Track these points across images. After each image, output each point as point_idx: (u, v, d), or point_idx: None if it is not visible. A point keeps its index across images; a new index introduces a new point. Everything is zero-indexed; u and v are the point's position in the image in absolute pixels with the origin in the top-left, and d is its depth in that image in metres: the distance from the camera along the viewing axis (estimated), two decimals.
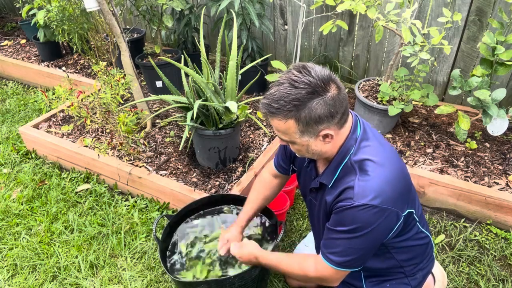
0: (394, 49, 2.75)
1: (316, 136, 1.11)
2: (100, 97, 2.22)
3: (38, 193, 2.36)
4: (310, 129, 1.09)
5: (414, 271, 1.36)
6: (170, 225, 1.74)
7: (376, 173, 1.11)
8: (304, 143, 1.13)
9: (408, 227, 1.24)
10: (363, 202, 1.07)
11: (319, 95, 1.04)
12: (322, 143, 1.14)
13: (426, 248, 1.36)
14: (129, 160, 2.30)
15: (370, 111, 2.38)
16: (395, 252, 1.28)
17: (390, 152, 1.19)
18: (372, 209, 1.07)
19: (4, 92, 3.58)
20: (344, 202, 1.11)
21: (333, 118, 1.08)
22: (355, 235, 1.11)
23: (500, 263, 1.87)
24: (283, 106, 1.04)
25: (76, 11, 2.67)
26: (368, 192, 1.08)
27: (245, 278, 1.48)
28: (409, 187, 1.20)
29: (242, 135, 2.55)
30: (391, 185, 1.10)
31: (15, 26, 4.69)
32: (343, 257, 1.16)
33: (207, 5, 2.78)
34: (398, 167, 1.16)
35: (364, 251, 1.15)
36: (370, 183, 1.09)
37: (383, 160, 1.14)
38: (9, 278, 1.89)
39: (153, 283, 1.82)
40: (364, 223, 1.09)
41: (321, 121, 1.07)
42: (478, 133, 2.40)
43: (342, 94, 1.08)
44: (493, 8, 2.33)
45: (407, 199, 1.17)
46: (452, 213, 2.12)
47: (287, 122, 1.07)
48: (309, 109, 1.04)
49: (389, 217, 1.10)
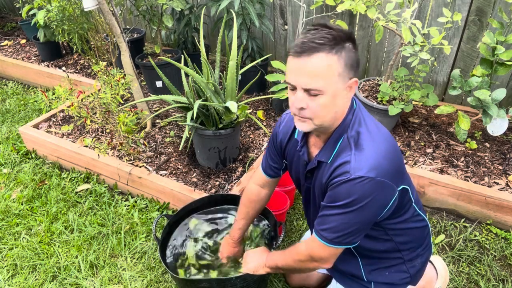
0: (394, 49, 2.75)
1: (345, 84, 1.07)
2: (100, 97, 2.22)
3: (38, 193, 2.36)
4: (345, 73, 1.05)
5: (412, 257, 1.34)
6: (170, 224, 1.74)
7: (372, 146, 1.10)
8: (336, 92, 1.06)
9: (404, 207, 1.23)
10: (359, 174, 1.06)
11: (350, 41, 1.04)
12: (346, 96, 1.10)
13: (423, 231, 1.35)
14: (129, 160, 2.30)
15: (370, 111, 2.38)
16: (393, 234, 1.27)
17: (384, 129, 1.19)
18: (369, 181, 1.06)
19: (4, 92, 3.58)
20: (340, 177, 1.10)
21: (357, 68, 1.09)
22: (350, 209, 1.10)
23: (500, 263, 1.87)
24: (328, 41, 1.00)
25: (76, 11, 2.67)
26: (364, 164, 1.07)
27: (247, 279, 1.48)
28: (403, 164, 1.19)
29: (242, 135, 2.55)
30: (387, 159, 1.09)
31: (15, 26, 4.69)
32: (336, 232, 1.14)
33: (207, 5, 2.78)
34: (392, 144, 1.16)
35: (358, 225, 1.13)
36: (366, 156, 1.08)
37: (377, 134, 1.14)
38: (9, 278, 1.89)
39: (153, 283, 1.82)
40: (360, 196, 1.07)
41: (352, 67, 1.06)
42: (478, 133, 2.40)
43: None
44: (493, 8, 2.33)
45: (402, 175, 1.17)
46: (452, 213, 2.12)
47: (330, 58, 1.01)
48: (347, 51, 1.03)
49: (384, 190, 1.09)
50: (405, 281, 1.36)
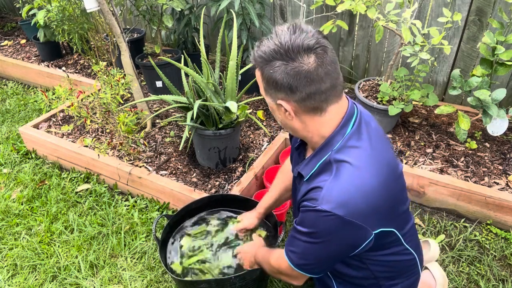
0: (394, 49, 2.75)
1: (274, 102, 1.02)
2: (100, 97, 2.22)
3: (38, 193, 2.36)
4: (270, 91, 1.00)
5: (389, 284, 1.23)
6: (170, 225, 1.74)
7: (352, 180, 0.97)
8: (269, 104, 1.06)
9: (387, 244, 1.12)
10: (325, 208, 0.95)
11: (282, 59, 0.94)
12: (284, 115, 1.03)
13: (407, 264, 1.22)
14: (129, 160, 2.30)
15: (370, 111, 2.36)
16: (370, 263, 1.16)
17: (380, 161, 1.03)
18: (334, 218, 0.94)
19: (4, 92, 3.58)
20: (309, 202, 1.00)
21: (293, 93, 0.96)
22: (314, 240, 1.01)
23: (500, 263, 1.87)
24: (256, 54, 0.99)
25: (76, 11, 2.67)
26: (335, 198, 0.95)
27: (246, 278, 1.48)
28: (391, 206, 1.04)
29: (242, 135, 2.55)
30: (365, 198, 0.96)
31: (15, 26, 4.69)
32: (301, 259, 1.08)
33: (207, 5, 2.78)
34: (382, 180, 1.00)
35: (324, 260, 1.06)
36: (340, 189, 0.96)
37: (366, 167, 0.99)
38: (9, 278, 1.89)
39: (153, 283, 1.82)
40: (322, 231, 0.98)
41: (278, 88, 0.97)
42: (478, 133, 2.40)
43: (319, 73, 0.94)
44: (493, 8, 2.33)
45: (384, 218, 1.02)
46: (452, 213, 2.12)
47: (257, 71, 1.02)
48: (271, 68, 0.95)
49: (353, 232, 0.97)
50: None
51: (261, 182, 2.23)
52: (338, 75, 0.99)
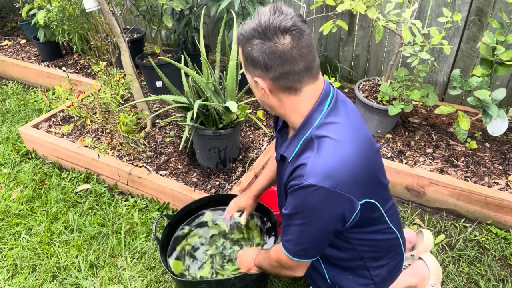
0: (394, 49, 2.75)
1: (252, 78, 1.08)
2: (100, 97, 2.22)
3: (38, 193, 2.36)
4: (248, 67, 1.06)
5: (376, 265, 1.30)
6: (170, 225, 1.74)
7: (334, 152, 1.02)
8: (249, 80, 1.11)
9: (372, 221, 1.18)
10: (312, 182, 0.99)
11: (260, 38, 0.99)
12: (260, 92, 1.09)
13: (391, 242, 1.29)
14: (129, 160, 2.30)
15: (370, 111, 2.38)
16: (356, 243, 1.22)
17: (358, 135, 1.09)
18: (322, 191, 0.99)
19: (4, 92, 3.58)
20: (296, 180, 1.03)
21: (268, 71, 1.01)
22: (305, 220, 1.05)
23: (500, 263, 1.87)
24: (239, 32, 1.04)
25: (76, 11, 2.67)
26: (319, 172, 0.99)
27: (246, 279, 1.48)
28: (372, 176, 1.11)
29: (242, 135, 2.55)
30: (348, 168, 1.01)
31: (15, 26, 4.69)
32: (298, 245, 1.11)
33: (207, 5, 2.78)
34: (363, 152, 1.06)
35: (319, 239, 1.10)
36: (324, 162, 1.00)
37: (346, 140, 1.04)
38: (9, 278, 1.89)
39: (153, 283, 1.82)
40: (312, 207, 1.02)
41: (255, 66, 1.03)
42: (478, 133, 2.40)
43: (293, 54, 0.98)
44: (493, 8, 2.33)
45: (367, 188, 1.08)
46: (452, 213, 2.12)
47: (239, 47, 1.06)
48: (250, 45, 1.01)
49: (341, 203, 1.02)
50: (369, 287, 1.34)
51: None
52: (313, 58, 1.03)
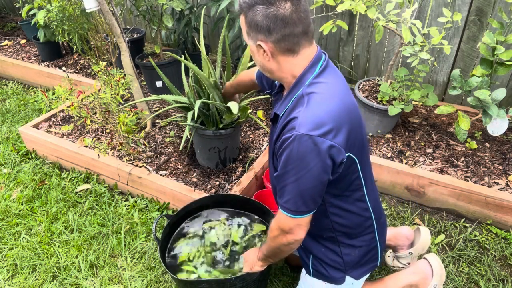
0: (394, 49, 2.75)
1: (255, 43, 1.15)
2: (100, 97, 2.22)
3: (38, 193, 2.36)
4: (251, 33, 1.14)
5: (346, 243, 1.36)
6: (170, 225, 1.74)
7: (321, 105, 1.11)
8: (251, 47, 1.19)
9: (350, 184, 1.24)
10: (303, 132, 1.07)
11: (263, 3, 1.07)
12: (262, 56, 1.17)
13: (364, 222, 1.34)
14: (129, 160, 2.30)
15: (370, 111, 2.38)
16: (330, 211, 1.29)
17: (344, 94, 1.18)
18: (312, 140, 1.07)
19: (4, 92, 3.58)
20: (288, 133, 1.12)
21: (270, 34, 1.10)
22: (300, 173, 1.11)
23: (500, 263, 1.87)
24: (241, 1, 1.12)
25: (76, 11, 2.67)
26: (309, 122, 1.08)
27: (246, 279, 1.48)
28: (356, 128, 1.18)
29: (242, 135, 2.55)
30: (334, 120, 1.10)
31: (15, 26, 4.69)
32: (297, 201, 1.15)
33: (207, 5, 2.77)
34: (347, 106, 1.15)
35: (314, 190, 1.14)
36: (312, 114, 1.09)
37: (332, 95, 1.14)
38: (9, 278, 1.89)
39: (153, 283, 1.82)
40: (305, 157, 1.09)
41: (258, 30, 1.11)
42: (478, 133, 2.40)
43: (293, 17, 1.08)
44: (493, 8, 2.33)
45: (352, 142, 1.15)
46: (452, 213, 2.12)
47: (241, 16, 1.15)
48: (253, 11, 1.09)
49: (330, 150, 1.09)
50: (336, 265, 1.38)
51: (261, 182, 2.23)
52: (309, 22, 1.13)
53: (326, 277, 1.41)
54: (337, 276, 1.40)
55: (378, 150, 2.34)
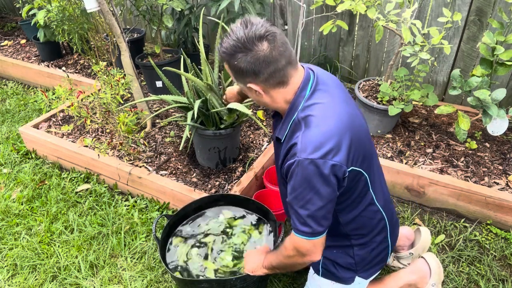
0: (394, 49, 2.75)
1: (245, 86, 1.20)
2: (100, 97, 2.22)
3: (38, 193, 2.36)
4: (239, 78, 1.19)
5: (359, 244, 1.37)
6: (170, 225, 1.74)
7: (318, 128, 1.14)
8: (242, 88, 1.24)
9: (359, 192, 1.25)
10: (304, 156, 1.11)
11: (242, 51, 1.11)
12: (255, 94, 1.22)
13: (377, 223, 1.36)
14: (129, 160, 2.30)
15: (370, 111, 2.38)
16: (343, 218, 1.31)
17: (340, 110, 1.19)
18: (314, 163, 1.10)
19: (4, 92, 3.58)
20: (291, 160, 1.15)
21: (257, 76, 1.14)
22: (310, 195, 1.13)
23: (500, 263, 1.87)
24: (221, 51, 1.16)
25: (76, 11, 2.67)
26: (308, 146, 1.11)
27: (247, 280, 1.48)
28: (358, 143, 1.19)
29: (242, 135, 2.55)
30: (332, 140, 1.12)
31: (15, 26, 4.69)
32: (311, 223, 1.17)
33: (207, 5, 2.77)
34: (345, 124, 1.16)
35: (326, 209, 1.16)
36: (310, 137, 1.13)
37: (328, 116, 1.16)
38: (9, 278, 1.89)
39: (153, 283, 1.82)
40: (310, 180, 1.12)
41: (245, 75, 1.15)
42: (478, 133, 2.40)
43: (274, 55, 1.11)
44: (493, 8, 2.33)
45: (354, 153, 1.17)
46: (452, 213, 2.12)
47: (225, 64, 1.19)
48: (235, 60, 1.13)
49: (333, 169, 1.11)
50: (348, 265, 1.40)
51: (261, 182, 2.23)
52: (290, 52, 1.16)
53: (336, 277, 1.42)
54: (347, 276, 1.41)
55: (378, 150, 2.34)
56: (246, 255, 1.56)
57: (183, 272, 1.61)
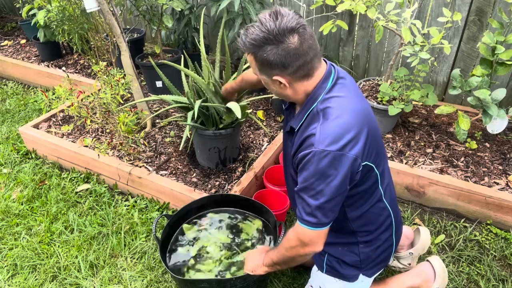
0: (394, 49, 2.75)
1: (270, 78, 1.19)
2: (100, 97, 2.22)
3: (38, 193, 2.36)
4: (264, 70, 1.17)
5: (365, 241, 1.37)
6: (170, 225, 1.74)
7: (337, 120, 1.14)
8: (264, 80, 1.23)
9: (369, 188, 1.26)
10: (321, 148, 1.11)
11: (273, 43, 1.10)
12: (278, 87, 1.21)
13: (384, 220, 1.37)
14: (129, 160, 2.30)
15: None
16: (351, 213, 1.31)
17: (357, 105, 1.21)
18: (331, 155, 1.11)
19: (4, 92, 3.58)
20: (306, 150, 1.15)
21: (286, 69, 1.14)
22: (321, 187, 1.14)
23: (500, 263, 1.87)
24: (247, 42, 1.13)
25: (76, 11, 2.67)
26: (327, 138, 1.12)
27: (247, 280, 1.48)
28: (372, 138, 1.21)
29: (242, 135, 2.55)
30: (349, 133, 1.13)
31: (15, 26, 4.69)
32: (317, 214, 1.17)
33: (207, 5, 2.77)
34: (361, 119, 1.18)
35: (334, 202, 1.17)
36: (329, 129, 1.13)
37: (346, 109, 1.17)
38: (9, 278, 1.89)
39: (153, 283, 1.82)
40: (325, 171, 1.12)
41: (273, 67, 1.14)
42: (478, 133, 2.40)
43: (304, 48, 1.11)
44: (493, 8, 2.33)
45: (369, 147, 1.19)
46: (452, 213, 2.12)
47: (249, 56, 1.17)
48: (264, 52, 1.11)
49: (348, 162, 1.12)
50: (353, 263, 1.40)
51: (261, 182, 2.23)
52: (317, 45, 1.17)
53: (341, 274, 1.42)
54: (351, 274, 1.42)
55: None
56: (246, 255, 1.56)
57: None
